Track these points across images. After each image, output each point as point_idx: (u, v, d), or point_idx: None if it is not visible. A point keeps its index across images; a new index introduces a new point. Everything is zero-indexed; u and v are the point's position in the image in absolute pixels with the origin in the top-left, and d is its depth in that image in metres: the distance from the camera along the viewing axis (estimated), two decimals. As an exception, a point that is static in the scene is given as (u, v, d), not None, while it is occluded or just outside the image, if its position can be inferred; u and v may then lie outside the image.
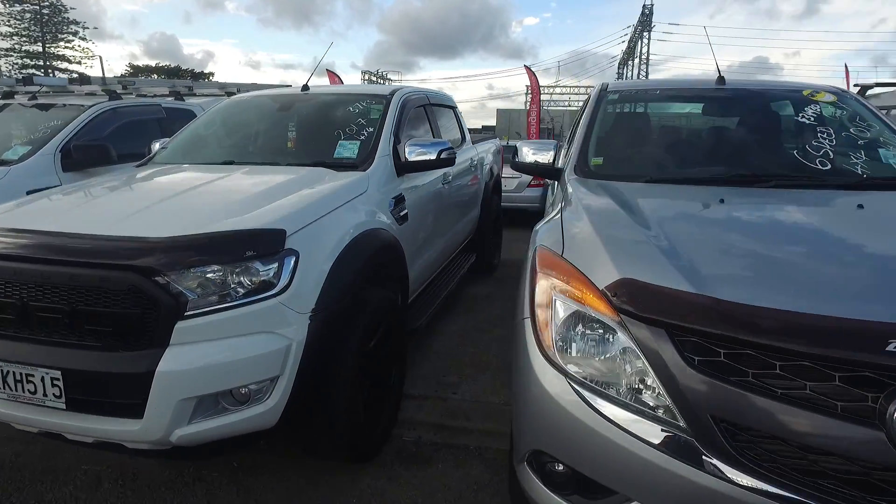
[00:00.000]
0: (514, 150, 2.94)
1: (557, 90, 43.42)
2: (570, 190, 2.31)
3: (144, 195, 2.48)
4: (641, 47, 35.30)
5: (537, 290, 1.68)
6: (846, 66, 15.85)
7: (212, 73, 56.01)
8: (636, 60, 35.98)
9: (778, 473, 1.23)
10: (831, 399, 1.22)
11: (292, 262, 2.04)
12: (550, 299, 1.63)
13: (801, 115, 2.52)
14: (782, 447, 1.24)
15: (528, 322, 1.67)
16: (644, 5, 33.61)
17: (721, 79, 2.84)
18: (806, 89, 2.71)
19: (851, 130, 2.41)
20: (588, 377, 1.47)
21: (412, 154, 3.10)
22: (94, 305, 1.85)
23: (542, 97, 24.09)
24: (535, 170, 2.83)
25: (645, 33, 34.74)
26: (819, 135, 2.39)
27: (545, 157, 2.80)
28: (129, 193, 2.55)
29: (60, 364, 1.86)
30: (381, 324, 2.52)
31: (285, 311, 1.99)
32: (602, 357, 1.47)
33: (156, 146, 3.55)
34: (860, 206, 1.87)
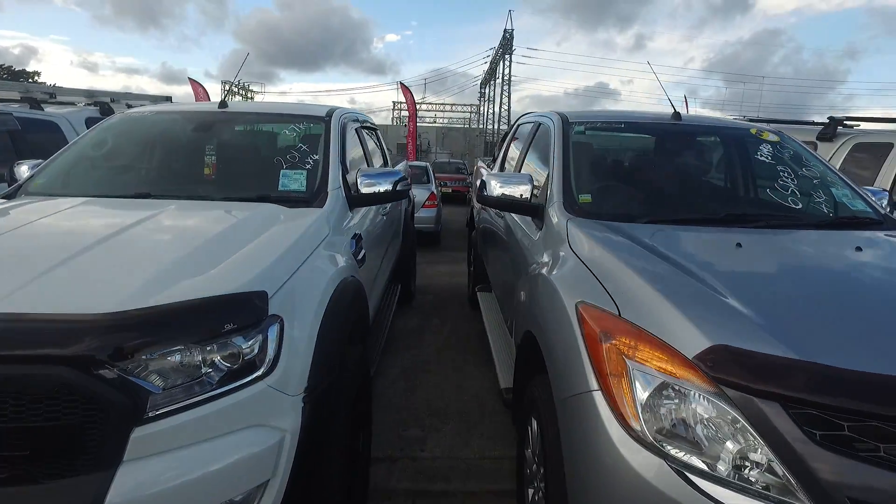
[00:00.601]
0: (482, 184, 2.73)
1: (423, 107, 44.23)
2: (571, 232, 2.16)
3: (39, 245, 1.84)
4: (504, 68, 37.38)
5: (607, 357, 1.48)
6: (685, 96, 18.03)
7: (37, 73, 48.24)
8: (499, 80, 38.03)
9: (919, 555, 1.15)
10: (967, 470, 1.16)
11: (276, 332, 1.63)
12: (624, 369, 1.44)
13: (758, 153, 2.64)
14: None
15: (598, 395, 1.46)
16: (505, 30, 35.72)
17: (677, 114, 2.90)
18: (752, 128, 2.87)
19: (803, 170, 2.58)
20: (692, 458, 1.30)
21: (365, 186, 2.75)
22: (-3, 420, 1.28)
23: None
24: (509, 205, 2.64)
25: (506, 56, 36.88)
26: (781, 174, 2.52)
27: (514, 191, 2.62)
28: (9, 242, 1.88)
29: None
30: (357, 384, 2.15)
31: (275, 396, 1.57)
32: (704, 434, 1.31)
33: (23, 170, 2.76)
34: (859, 248, 1.95)
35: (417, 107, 25.79)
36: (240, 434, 1.50)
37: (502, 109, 39.20)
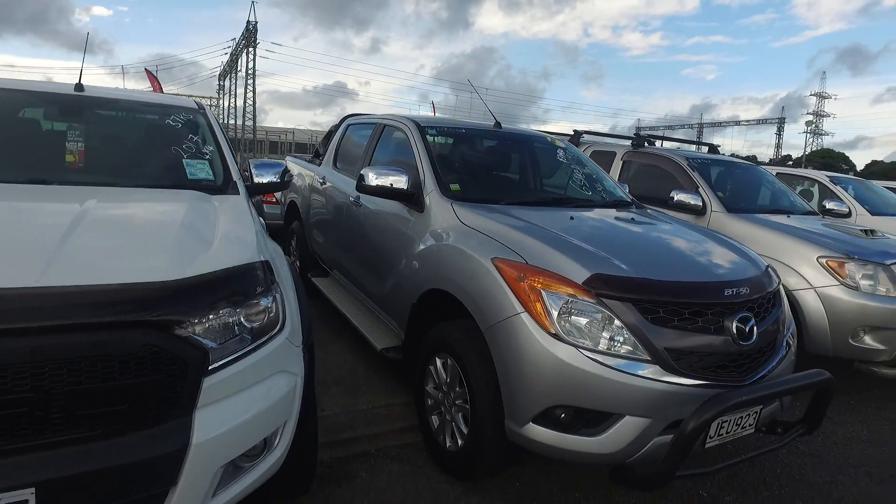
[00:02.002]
0: (361, 176, 3.20)
1: (151, 93, 39.15)
2: (458, 211, 2.84)
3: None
4: (247, 61, 35.63)
5: (526, 291, 2.21)
6: (433, 103, 20.21)
7: None
8: (241, 73, 36.10)
9: (694, 370, 2.16)
10: (709, 324, 2.23)
11: (280, 295, 1.93)
12: (539, 296, 2.19)
13: (557, 155, 3.72)
14: (692, 356, 2.18)
15: (524, 315, 2.18)
16: (249, 21, 33.99)
17: (498, 124, 3.83)
18: (548, 136, 3.96)
19: (585, 168, 3.74)
20: (588, 343, 2.12)
21: (257, 176, 2.97)
22: (85, 383, 1.38)
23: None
24: (387, 193, 3.17)
25: (250, 48, 35.24)
26: (573, 170, 3.63)
27: (387, 181, 3.18)
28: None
29: (29, 478, 1.31)
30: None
31: (290, 348, 1.89)
32: (593, 328, 2.14)
33: None
34: (633, 219, 3.09)
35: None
36: (272, 379, 1.79)
37: (247, 104, 37.48)
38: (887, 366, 3.61)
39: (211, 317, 1.61)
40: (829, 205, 5.79)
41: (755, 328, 2.32)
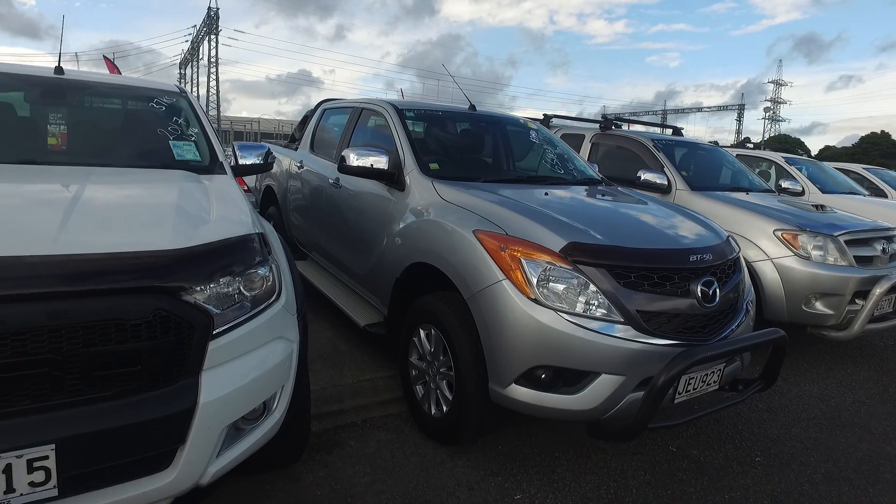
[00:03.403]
0: (342, 157, 3.28)
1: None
2: (439, 188, 2.95)
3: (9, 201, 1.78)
4: (209, 50, 34.66)
5: (506, 260, 2.34)
6: (401, 90, 20.16)
7: None
8: (205, 61, 35.09)
9: (663, 331, 2.34)
10: (676, 288, 2.40)
11: (275, 266, 2.01)
12: (519, 265, 2.33)
13: (530, 136, 3.86)
14: (661, 317, 2.36)
15: (506, 283, 2.32)
16: (210, 8, 32.97)
17: (472, 107, 3.93)
18: (521, 119, 4.09)
19: (556, 148, 3.89)
20: (566, 307, 2.27)
21: (243, 158, 3.01)
22: (100, 345, 1.45)
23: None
24: (369, 173, 3.26)
25: (211, 36, 34.25)
26: (546, 150, 3.77)
27: (368, 162, 3.27)
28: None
29: (49, 436, 1.38)
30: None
31: (286, 316, 1.98)
32: (570, 293, 2.29)
33: None
34: (602, 194, 3.25)
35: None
36: (271, 345, 1.88)
37: (210, 93, 36.53)
38: (835, 329, 3.90)
39: (213, 284, 1.68)
40: (785, 184, 6.11)
41: (718, 292, 2.51)
